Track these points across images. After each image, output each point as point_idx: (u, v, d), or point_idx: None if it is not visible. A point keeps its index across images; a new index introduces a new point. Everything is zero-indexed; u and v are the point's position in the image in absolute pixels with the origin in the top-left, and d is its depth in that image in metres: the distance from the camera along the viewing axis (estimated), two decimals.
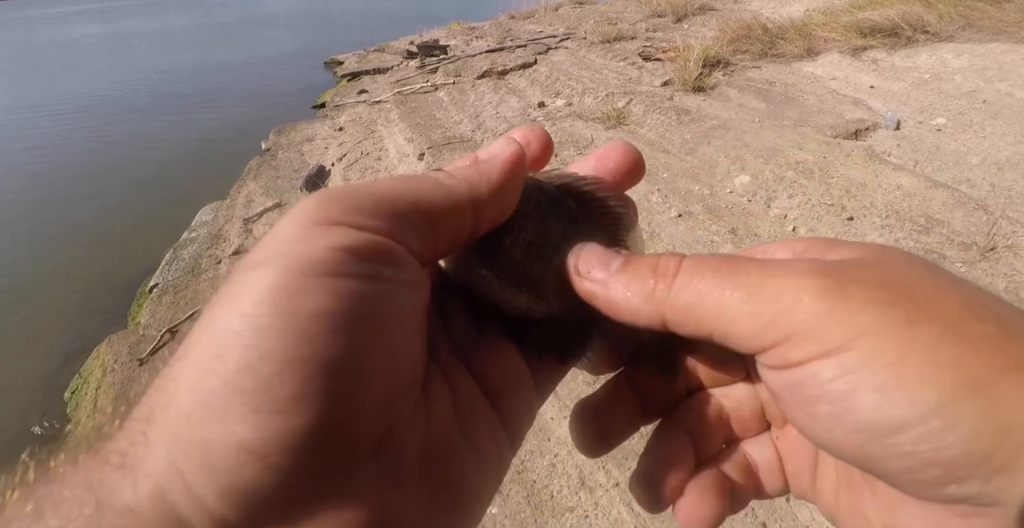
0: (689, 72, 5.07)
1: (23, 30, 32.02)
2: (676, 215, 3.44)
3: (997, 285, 2.59)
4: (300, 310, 0.23)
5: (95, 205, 6.13)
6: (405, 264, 0.28)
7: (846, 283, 0.25)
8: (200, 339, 0.23)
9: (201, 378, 0.22)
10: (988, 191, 3.13)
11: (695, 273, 0.29)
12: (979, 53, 4.40)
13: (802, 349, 0.25)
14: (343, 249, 0.25)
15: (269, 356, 0.22)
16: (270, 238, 0.26)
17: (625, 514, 1.97)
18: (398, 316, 0.27)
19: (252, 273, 0.24)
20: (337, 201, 0.27)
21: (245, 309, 0.23)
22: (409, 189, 0.29)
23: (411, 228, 0.28)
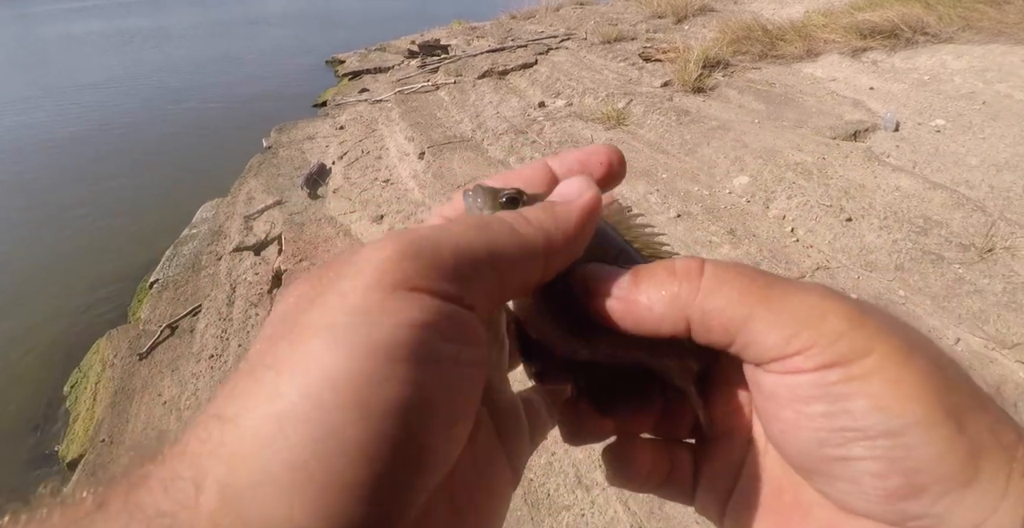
0: (689, 73, 5.08)
1: (23, 27, 32.00)
2: (675, 215, 3.44)
3: (995, 286, 2.60)
4: (379, 401, 0.22)
5: (95, 201, 6.14)
6: (477, 339, 0.27)
7: (863, 312, 0.28)
8: (262, 408, 0.22)
9: (261, 451, 0.21)
10: (987, 192, 3.14)
11: (724, 279, 0.30)
12: (979, 54, 4.40)
13: (815, 360, 0.27)
14: (425, 327, 0.24)
15: (340, 443, 0.21)
16: (339, 293, 0.24)
17: (621, 513, 1.98)
18: (468, 401, 0.26)
19: (323, 342, 0.23)
20: (414, 259, 0.25)
21: (317, 392, 0.22)
22: (484, 240, 0.28)
23: (483, 285, 0.28)
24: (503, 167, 4.44)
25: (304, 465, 0.21)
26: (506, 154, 4.63)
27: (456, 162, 4.58)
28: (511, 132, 4.94)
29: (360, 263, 0.25)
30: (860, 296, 2.72)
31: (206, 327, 3.46)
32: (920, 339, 0.28)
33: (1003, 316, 2.46)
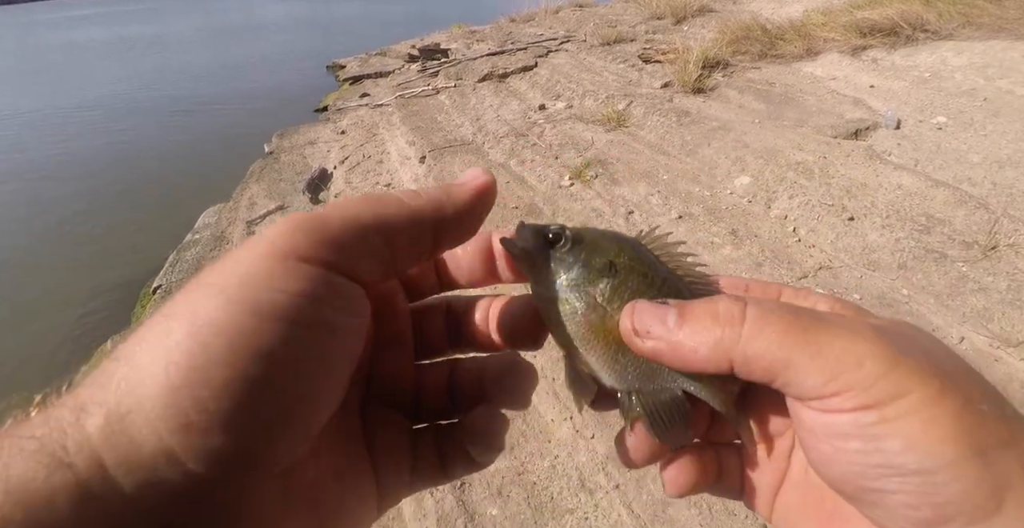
0: (689, 74, 5.07)
1: (26, 34, 32.17)
2: (676, 217, 3.44)
3: (999, 284, 2.58)
4: (249, 349, 0.25)
5: (98, 208, 6.16)
6: (356, 309, 0.31)
7: (899, 354, 0.29)
8: (151, 342, 0.26)
9: (144, 383, 0.25)
10: (989, 189, 3.12)
11: (765, 323, 0.31)
12: (979, 51, 4.39)
13: (854, 401, 0.29)
14: (301, 295, 0.27)
15: (210, 383, 0.24)
16: (235, 261, 0.28)
17: (625, 516, 1.97)
18: (335, 364, 0.30)
19: (213, 297, 0.26)
20: (305, 232, 0.29)
21: (200, 333, 0.25)
22: (372, 212, 0.31)
23: (371, 253, 0.31)
24: (504, 170, 4.44)
25: (176, 393, 0.24)
26: (507, 157, 4.63)
27: (457, 166, 4.58)
28: (512, 135, 4.94)
29: (260, 236, 0.29)
30: (864, 297, 2.71)
31: None
32: (958, 372, 0.30)
33: (1007, 314, 2.44)
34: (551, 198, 3.90)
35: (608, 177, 3.95)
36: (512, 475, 2.15)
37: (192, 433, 0.24)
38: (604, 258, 0.39)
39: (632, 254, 0.39)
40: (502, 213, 3.80)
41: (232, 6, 40.77)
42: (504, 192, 4.07)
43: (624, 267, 0.39)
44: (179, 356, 0.25)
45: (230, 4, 42.99)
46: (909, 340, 0.31)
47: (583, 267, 0.39)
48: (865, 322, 0.32)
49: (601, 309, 0.38)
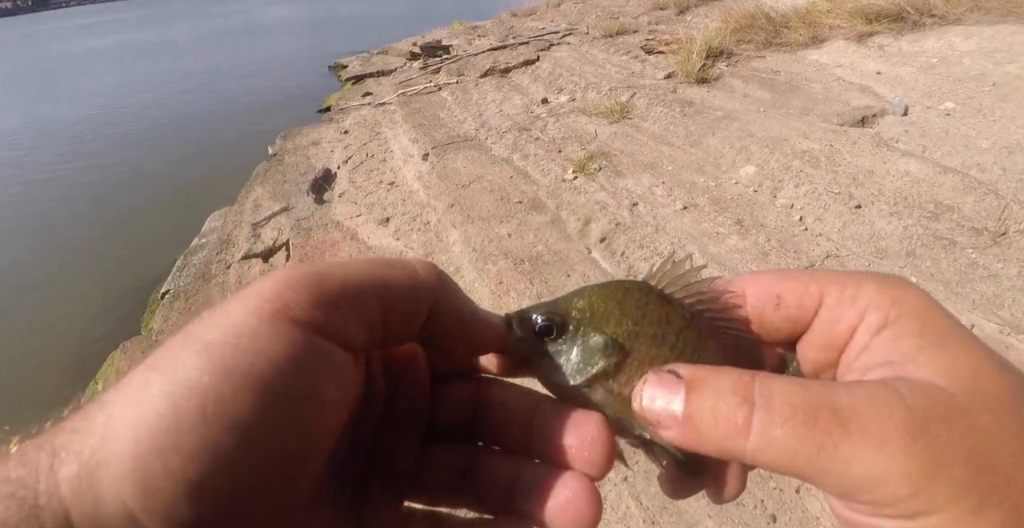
0: (692, 64, 5.03)
1: (31, 44, 32.41)
2: (681, 207, 3.41)
3: (1009, 271, 2.55)
4: (222, 418, 0.24)
5: (105, 214, 6.21)
6: (341, 378, 0.29)
7: (934, 466, 0.26)
8: (130, 395, 0.25)
9: (115, 439, 0.24)
10: (999, 175, 3.08)
11: (772, 437, 0.28)
12: (987, 35, 4.33)
13: (877, 512, 0.27)
14: (283, 361, 0.25)
15: (179, 449, 0.23)
16: (224, 314, 0.27)
17: (634, 508, 1.96)
18: (314, 436, 0.28)
19: (195, 355, 0.25)
20: (297, 289, 0.27)
21: (175, 394, 0.24)
22: (374, 274, 0.30)
23: (365, 318, 0.29)
24: (507, 165, 4.42)
25: (144, 455, 0.23)
26: (510, 152, 4.61)
27: (460, 162, 4.57)
28: (514, 130, 4.92)
29: (253, 288, 0.27)
30: None
31: None
32: (1008, 461, 0.27)
33: (1018, 300, 2.41)
34: (554, 192, 3.88)
35: (612, 169, 3.93)
36: None
37: (157, 500, 0.23)
38: (603, 334, 0.36)
39: (636, 315, 0.36)
40: (506, 208, 3.78)
41: (234, 9, 40.90)
42: (507, 187, 4.06)
43: (628, 336, 0.36)
44: (151, 416, 0.24)
45: (232, 7, 43.12)
46: (958, 426, 0.27)
47: (581, 352, 0.36)
48: (897, 416, 0.27)
49: (612, 391, 0.35)
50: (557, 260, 3.21)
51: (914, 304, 0.32)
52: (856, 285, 0.34)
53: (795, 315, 0.35)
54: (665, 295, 0.37)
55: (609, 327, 0.36)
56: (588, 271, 3.09)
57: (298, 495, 0.28)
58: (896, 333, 0.32)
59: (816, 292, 0.35)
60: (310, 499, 0.30)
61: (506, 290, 3.01)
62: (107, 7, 67.24)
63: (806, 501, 1.87)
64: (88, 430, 0.24)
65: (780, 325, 0.36)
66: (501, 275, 3.12)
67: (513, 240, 3.44)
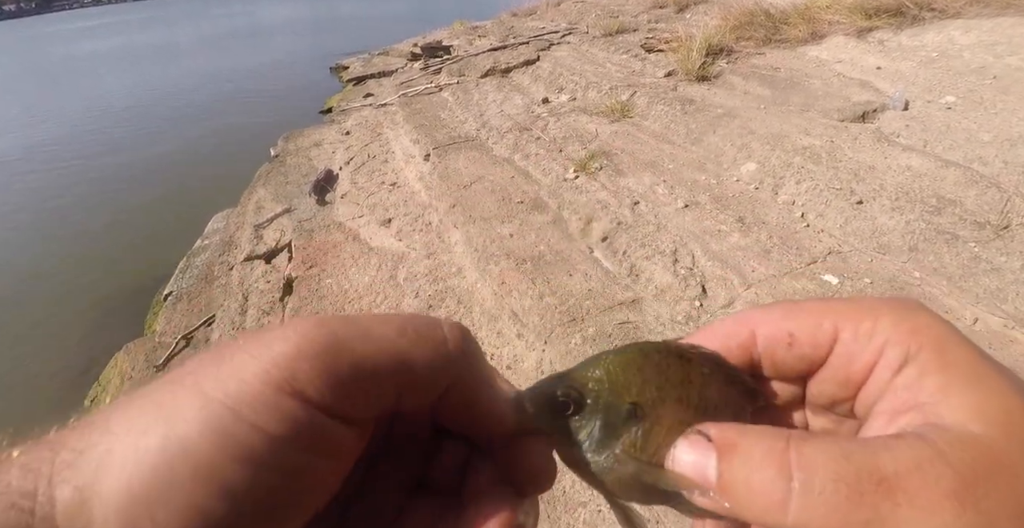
0: (692, 62, 5.03)
1: (32, 47, 32.52)
2: (683, 205, 3.41)
3: (1012, 264, 2.54)
4: (212, 485, 0.25)
5: (108, 217, 6.23)
6: (340, 452, 0.28)
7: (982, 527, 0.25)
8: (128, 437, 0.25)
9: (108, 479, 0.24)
10: (1001, 168, 3.07)
11: (814, 513, 0.27)
12: (987, 28, 4.31)
13: None
14: (281, 439, 0.26)
15: (167, 505, 0.24)
16: (232, 370, 0.27)
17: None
18: (304, 503, 0.28)
19: (195, 411, 0.25)
20: (309, 361, 0.27)
21: (170, 450, 0.25)
22: (397, 351, 0.29)
23: (375, 399, 0.29)
24: (508, 165, 4.43)
25: (134, 503, 0.24)
26: (511, 152, 4.61)
27: (462, 162, 4.57)
28: (515, 130, 4.93)
29: (267, 347, 0.27)
30: (875, 281, 2.67)
31: (220, 337, 3.48)
32: None
33: (1022, 294, 2.40)
34: (556, 191, 3.88)
35: (613, 168, 3.93)
36: None
37: None
38: (625, 403, 0.34)
39: (658, 380, 0.35)
40: (507, 208, 3.79)
41: (236, 10, 40.96)
42: (509, 187, 4.06)
43: (653, 402, 0.34)
44: (146, 470, 0.24)
45: (234, 9, 43.20)
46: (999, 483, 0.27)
47: (604, 427, 0.34)
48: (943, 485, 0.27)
49: (636, 461, 0.34)
50: (559, 260, 3.22)
51: (933, 336, 0.31)
52: (872, 318, 0.33)
53: (809, 354, 0.34)
54: (684, 352, 0.36)
55: (631, 396, 0.34)
56: (590, 270, 3.09)
57: None
58: (920, 370, 0.31)
59: (830, 328, 0.34)
60: None
61: (508, 290, 3.01)
62: (110, 9, 67.41)
63: None
64: (88, 457, 0.25)
65: (794, 364, 0.35)
66: (503, 275, 3.13)
67: (515, 240, 3.44)
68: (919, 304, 0.34)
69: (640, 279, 3.00)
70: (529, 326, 2.75)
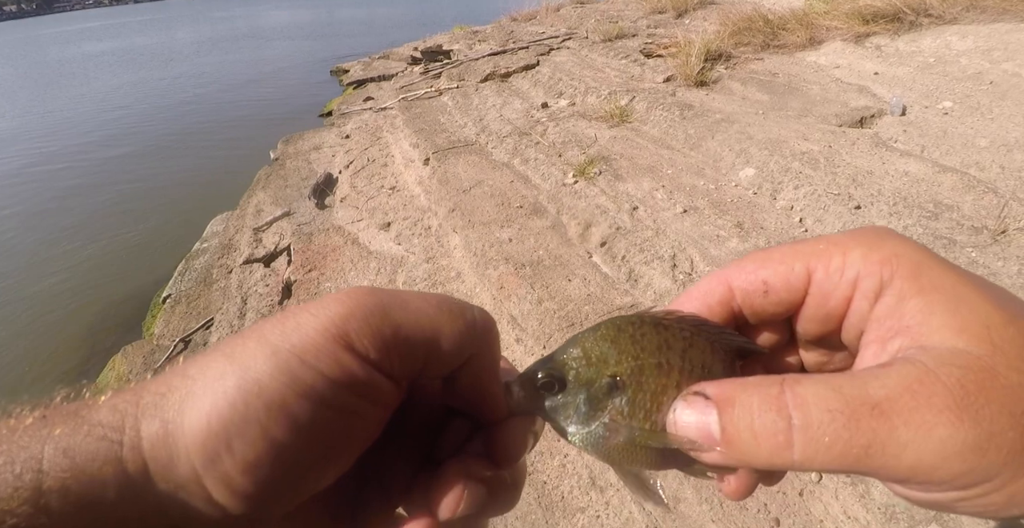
0: (691, 67, 5.04)
1: (33, 48, 32.53)
2: (681, 211, 3.42)
3: (1009, 269, 2.55)
4: (281, 418, 0.29)
5: (107, 219, 6.22)
6: (384, 400, 0.33)
7: (986, 438, 0.27)
8: (207, 381, 0.30)
9: (193, 414, 0.29)
10: (998, 173, 3.08)
11: (817, 444, 0.29)
12: (984, 34, 4.33)
13: (941, 488, 0.28)
14: (336, 382, 0.30)
15: (242, 436, 0.29)
16: (296, 325, 0.31)
17: (636, 513, 1.96)
18: (352, 442, 0.33)
19: (266, 359, 0.30)
20: (360, 322, 0.32)
21: (245, 390, 0.29)
22: (433, 325, 0.34)
23: (409, 363, 0.34)
24: (507, 169, 4.44)
25: (214, 435, 0.28)
26: (510, 156, 4.62)
27: (461, 166, 4.58)
28: (515, 134, 4.94)
29: (325, 308, 0.32)
30: None
31: (218, 340, 3.48)
32: None
33: (1020, 298, 2.41)
34: (555, 196, 3.89)
35: (612, 173, 3.94)
36: None
37: (218, 469, 0.29)
38: (605, 375, 0.36)
39: (634, 350, 0.36)
40: (506, 212, 3.80)
41: (236, 13, 41.01)
42: (508, 191, 4.07)
43: (632, 371, 0.36)
44: (224, 405, 0.29)
45: (235, 12, 43.23)
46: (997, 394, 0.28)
47: (587, 399, 0.36)
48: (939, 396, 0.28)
49: (627, 427, 0.36)
50: (558, 265, 3.22)
51: (905, 262, 0.33)
52: (841, 254, 0.34)
53: (786, 298, 0.36)
54: (660, 320, 0.37)
55: (609, 369, 0.36)
56: (589, 275, 3.10)
57: (326, 483, 0.33)
58: (897, 297, 0.32)
59: (802, 271, 0.35)
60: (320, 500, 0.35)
61: (507, 295, 3.02)
62: (110, 11, 67.40)
63: (810, 504, 1.87)
64: (170, 398, 0.30)
65: (774, 310, 0.37)
66: (502, 280, 3.13)
67: (514, 245, 3.44)
68: (888, 231, 0.35)
69: (639, 284, 3.01)
70: (528, 331, 2.76)
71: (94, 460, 0.28)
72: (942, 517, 1.71)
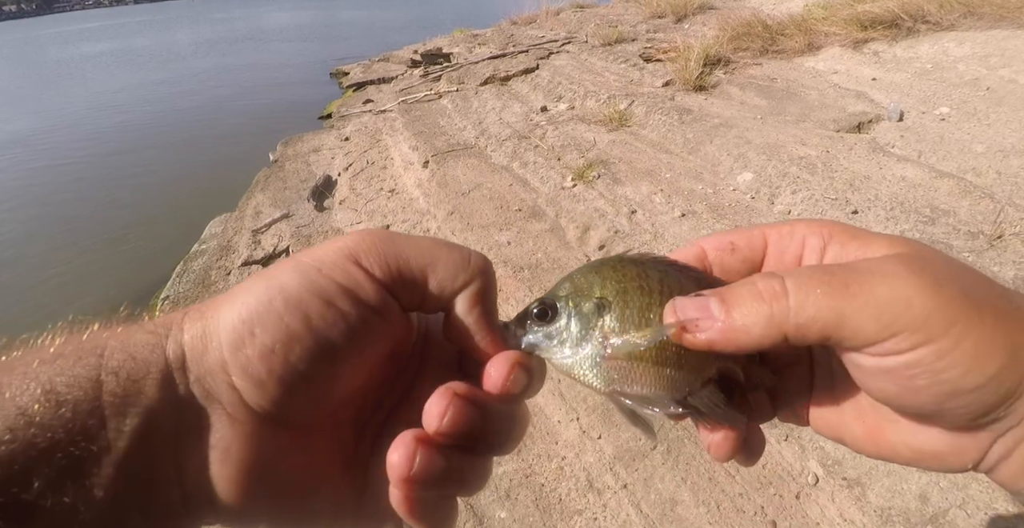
0: (690, 72, 5.07)
1: (32, 50, 32.52)
2: (679, 215, 3.43)
3: (1005, 273, 2.56)
4: (297, 310, 0.35)
5: (106, 220, 6.22)
6: (385, 312, 0.38)
7: (936, 285, 0.33)
8: (239, 293, 0.36)
9: (226, 315, 0.35)
10: (994, 179, 3.10)
11: (808, 290, 0.34)
12: (981, 41, 4.36)
13: (911, 340, 0.32)
14: (346, 289, 0.36)
15: (263, 323, 0.35)
16: (323, 248, 0.38)
17: (634, 516, 1.97)
18: (360, 350, 0.37)
19: (292, 270, 0.37)
20: (370, 247, 0.38)
21: (271, 290, 0.36)
22: (428, 259, 0.39)
23: (413, 288, 0.39)
24: (506, 173, 4.45)
25: (241, 324, 0.35)
26: (509, 160, 4.64)
27: (460, 169, 4.59)
28: (514, 138, 4.95)
29: (344, 237, 0.38)
30: None
31: None
32: (979, 284, 0.34)
33: None
34: (554, 200, 3.90)
35: (610, 177, 3.95)
36: (520, 477, 2.16)
37: (242, 355, 0.34)
38: (591, 299, 0.39)
39: (616, 276, 0.40)
40: (506, 216, 3.81)
41: (237, 15, 41.06)
42: (507, 195, 4.08)
43: (616, 293, 0.39)
44: (252, 301, 0.35)
45: (235, 14, 43.29)
46: (932, 264, 0.34)
47: (577, 321, 0.39)
48: (890, 260, 0.34)
49: (619, 345, 0.38)
50: (556, 268, 3.23)
51: (841, 226, 0.40)
52: (790, 224, 0.42)
53: (748, 256, 0.42)
54: (636, 259, 0.41)
55: (596, 292, 0.40)
56: None
57: (336, 391, 0.38)
58: (840, 246, 0.39)
59: (760, 235, 0.42)
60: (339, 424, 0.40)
61: (505, 298, 3.03)
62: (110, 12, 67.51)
63: (806, 507, 1.88)
64: (212, 304, 0.37)
65: (739, 266, 0.42)
66: (501, 283, 3.13)
67: (512, 248, 3.46)
68: (827, 219, 0.42)
69: None
70: None
71: (143, 347, 0.34)
72: (938, 519, 1.72)
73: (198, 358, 0.35)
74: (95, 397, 0.32)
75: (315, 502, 0.39)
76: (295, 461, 0.38)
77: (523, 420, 0.41)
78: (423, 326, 0.45)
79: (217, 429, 0.35)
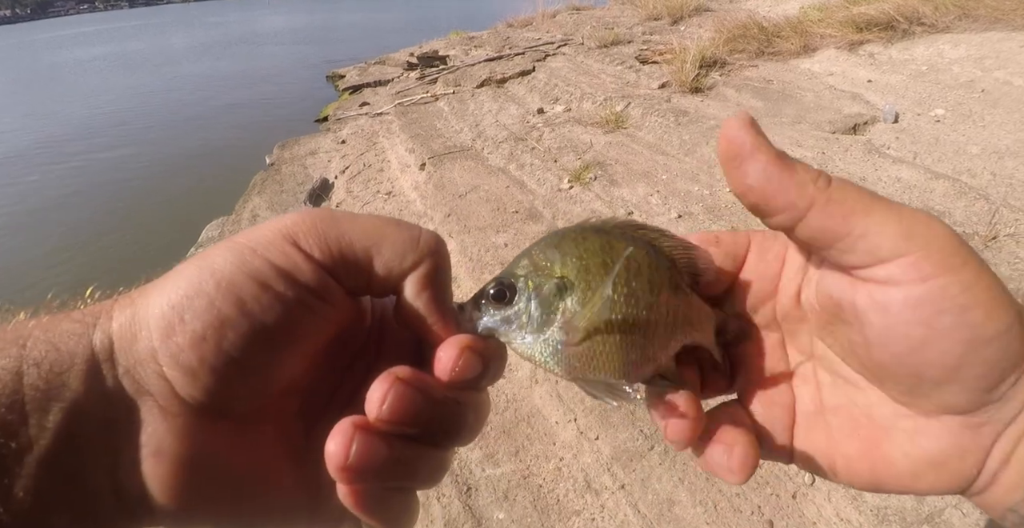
0: (686, 73, 5.08)
1: (28, 54, 32.46)
2: (676, 216, 3.44)
3: (1000, 274, 2.55)
4: (229, 293, 0.33)
5: (102, 223, 6.21)
6: (331, 301, 0.36)
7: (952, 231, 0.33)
8: (170, 277, 0.35)
9: (156, 299, 0.34)
10: (989, 180, 3.12)
11: (849, 190, 0.33)
12: (976, 42, 4.38)
13: (935, 263, 0.31)
14: (281, 271, 0.34)
15: (193, 308, 0.33)
16: (260, 229, 0.36)
17: (632, 516, 1.97)
18: (300, 334, 0.36)
19: (227, 251, 0.34)
20: (309, 227, 0.36)
21: (202, 273, 0.33)
22: (373, 238, 0.37)
23: (357, 270, 0.37)
24: (503, 175, 4.46)
25: (171, 311, 0.33)
26: (506, 162, 4.64)
27: (457, 172, 4.60)
28: (511, 140, 4.96)
29: (283, 216, 0.36)
30: None
31: None
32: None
33: None
34: (551, 201, 3.91)
35: (607, 179, 3.96)
36: (518, 478, 2.16)
37: (172, 343, 0.32)
38: (552, 279, 0.37)
39: (578, 251, 0.37)
40: (503, 218, 3.81)
41: (232, 19, 41.04)
42: (504, 197, 4.09)
43: (578, 270, 0.37)
44: (183, 285, 0.33)
45: (230, 17, 43.27)
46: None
47: (537, 304, 0.37)
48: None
49: (581, 329, 0.36)
50: None
51: None
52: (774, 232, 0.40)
53: (731, 250, 0.42)
54: (599, 227, 0.38)
55: (556, 270, 0.37)
56: None
57: (275, 379, 0.36)
58: None
59: (745, 235, 0.43)
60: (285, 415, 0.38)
61: None
62: (105, 16, 67.43)
63: (803, 506, 1.88)
64: (143, 290, 0.35)
65: (722, 260, 0.42)
66: None
67: (509, 250, 3.46)
68: None
69: None
70: None
71: (68, 337, 0.33)
72: (933, 519, 1.73)
73: (127, 348, 0.33)
74: (15, 390, 0.30)
75: (263, 501, 0.37)
76: (237, 457, 0.35)
77: (480, 409, 0.38)
78: (378, 311, 0.42)
79: (149, 423, 0.33)
